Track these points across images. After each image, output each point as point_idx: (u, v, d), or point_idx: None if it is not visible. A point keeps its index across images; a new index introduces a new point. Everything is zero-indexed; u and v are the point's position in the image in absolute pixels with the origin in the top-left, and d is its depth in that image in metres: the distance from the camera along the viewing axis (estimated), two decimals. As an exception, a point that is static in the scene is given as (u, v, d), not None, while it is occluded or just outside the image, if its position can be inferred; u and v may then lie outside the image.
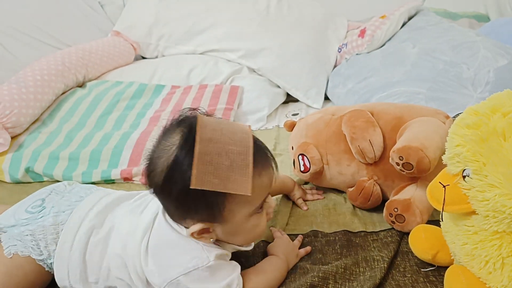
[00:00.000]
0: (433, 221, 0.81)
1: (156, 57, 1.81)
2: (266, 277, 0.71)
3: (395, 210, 0.81)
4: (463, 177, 0.60)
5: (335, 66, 1.67)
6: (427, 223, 0.80)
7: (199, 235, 0.65)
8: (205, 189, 0.57)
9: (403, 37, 1.55)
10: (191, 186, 0.57)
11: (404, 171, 0.79)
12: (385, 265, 0.74)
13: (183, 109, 0.67)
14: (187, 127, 0.62)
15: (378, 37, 1.56)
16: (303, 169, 0.95)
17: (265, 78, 1.62)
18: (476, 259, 0.61)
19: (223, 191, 0.58)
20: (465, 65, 1.29)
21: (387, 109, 0.93)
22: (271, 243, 0.80)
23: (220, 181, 0.58)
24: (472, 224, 0.61)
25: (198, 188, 0.57)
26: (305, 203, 0.95)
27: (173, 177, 0.61)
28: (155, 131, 1.21)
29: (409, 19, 1.66)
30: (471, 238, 0.62)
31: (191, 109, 0.66)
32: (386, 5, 1.75)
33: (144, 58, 1.84)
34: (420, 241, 0.75)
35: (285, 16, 1.75)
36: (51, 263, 0.72)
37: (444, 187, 0.62)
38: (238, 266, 0.69)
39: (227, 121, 0.65)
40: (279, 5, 1.79)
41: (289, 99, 1.61)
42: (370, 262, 0.76)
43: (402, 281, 0.72)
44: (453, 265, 0.69)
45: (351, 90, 1.45)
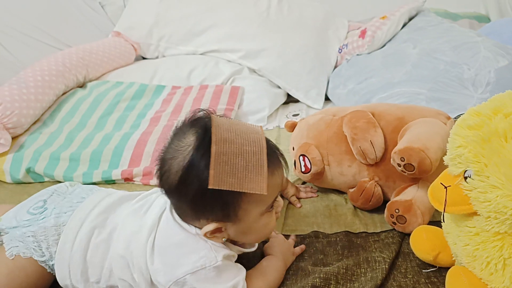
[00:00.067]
0: (435, 222, 0.81)
1: (156, 57, 1.81)
2: (267, 279, 0.71)
3: (397, 211, 0.81)
4: (465, 178, 0.60)
5: (336, 66, 1.67)
6: (428, 224, 0.80)
7: (212, 234, 0.65)
8: (223, 188, 0.58)
9: (404, 37, 1.55)
10: (209, 186, 0.58)
11: (405, 172, 0.79)
12: (386, 266, 0.74)
13: (195, 110, 0.67)
14: (202, 128, 0.62)
15: (378, 37, 1.56)
16: (304, 169, 0.95)
17: (265, 78, 1.62)
18: (477, 260, 0.61)
19: (240, 191, 0.59)
20: (466, 65, 1.29)
21: (388, 110, 0.93)
22: (267, 243, 0.80)
23: (237, 181, 0.59)
24: (473, 225, 0.61)
25: (216, 188, 0.58)
26: (298, 201, 0.96)
27: (189, 177, 0.61)
28: (156, 132, 1.21)
29: (410, 19, 1.66)
30: (472, 239, 0.62)
31: (202, 110, 0.67)
32: (386, 6, 1.75)
33: (144, 58, 1.84)
34: (421, 242, 0.75)
35: (286, 16, 1.75)
36: (52, 265, 0.72)
37: (445, 188, 0.62)
38: (243, 269, 0.69)
39: (239, 121, 0.66)
40: (279, 5, 1.79)
41: (290, 100, 1.61)
42: (371, 263, 0.76)
43: (403, 282, 0.72)
44: (454, 266, 0.69)
45: (352, 90, 1.45)
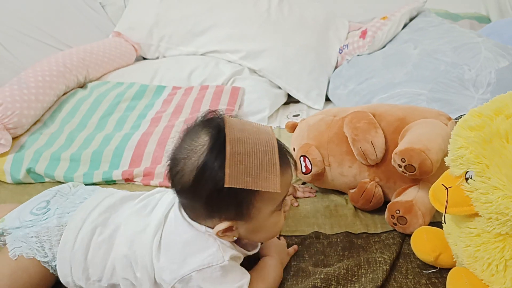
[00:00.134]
0: (435, 223, 0.81)
1: (157, 58, 1.81)
2: (267, 281, 0.72)
3: (397, 212, 0.81)
4: (466, 179, 0.60)
5: (336, 67, 1.67)
6: (429, 225, 0.80)
7: (223, 233, 0.66)
8: (238, 187, 0.59)
9: (405, 38, 1.55)
10: (225, 184, 0.59)
11: (406, 173, 0.79)
12: (387, 267, 0.74)
13: (206, 110, 0.69)
14: (215, 128, 0.64)
15: (379, 38, 1.56)
16: (304, 170, 0.95)
17: (266, 79, 1.61)
18: (478, 261, 0.61)
19: (254, 189, 0.61)
20: (467, 66, 1.29)
21: (389, 111, 0.93)
22: (262, 244, 0.80)
23: (252, 179, 0.60)
24: (474, 226, 0.61)
25: (231, 186, 0.59)
26: (295, 200, 0.96)
27: (204, 177, 0.62)
28: (156, 133, 1.21)
29: (411, 20, 1.65)
30: (473, 240, 0.62)
31: (213, 111, 0.68)
32: (387, 6, 1.75)
33: (145, 59, 1.84)
34: (422, 243, 0.75)
35: (286, 17, 1.75)
36: (55, 265, 0.72)
37: (446, 189, 0.62)
38: (247, 274, 0.70)
39: (250, 122, 0.68)
40: (280, 6, 1.78)
41: (290, 100, 1.61)
42: (372, 263, 0.76)
43: (404, 283, 0.72)
44: (455, 267, 0.69)
45: (352, 91, 1.45)
